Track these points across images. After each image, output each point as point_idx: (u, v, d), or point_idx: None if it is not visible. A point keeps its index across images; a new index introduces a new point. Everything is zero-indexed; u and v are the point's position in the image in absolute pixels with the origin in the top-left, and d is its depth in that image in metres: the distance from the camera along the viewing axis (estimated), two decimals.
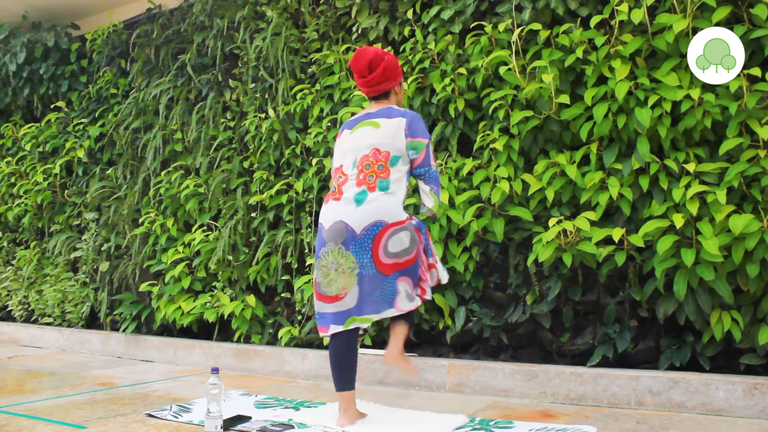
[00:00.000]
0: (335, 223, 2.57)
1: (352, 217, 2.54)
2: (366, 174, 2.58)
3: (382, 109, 2.69)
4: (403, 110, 2.67)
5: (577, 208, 3.19)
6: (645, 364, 3.09)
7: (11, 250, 5.86)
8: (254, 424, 2.63)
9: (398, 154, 2.61)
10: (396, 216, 2.55)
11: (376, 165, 2.58)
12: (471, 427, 2.58)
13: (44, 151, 5.61)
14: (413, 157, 2.64)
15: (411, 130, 2.62)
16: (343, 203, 2.58)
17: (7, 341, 5.60)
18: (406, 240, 2.56)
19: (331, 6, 4.17)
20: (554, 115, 3.18)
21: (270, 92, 4.36)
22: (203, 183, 4.53)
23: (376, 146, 2.60)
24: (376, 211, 2.53)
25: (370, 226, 2.52)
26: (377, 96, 2.73)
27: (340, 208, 2.58)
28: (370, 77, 2.66)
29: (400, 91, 2.80)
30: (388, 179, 2.58)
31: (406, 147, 2.62)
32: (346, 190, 2.60)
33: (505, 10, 3.40)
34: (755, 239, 2.64)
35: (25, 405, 3.07)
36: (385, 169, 2.58)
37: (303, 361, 3.80)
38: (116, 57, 5.39)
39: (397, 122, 2.62)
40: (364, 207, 2.53)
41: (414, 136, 2.62)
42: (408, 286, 2.59)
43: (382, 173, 2.58)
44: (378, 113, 2.68)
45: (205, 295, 4.36)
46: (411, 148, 2.62)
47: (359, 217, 2.53)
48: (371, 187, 2.56)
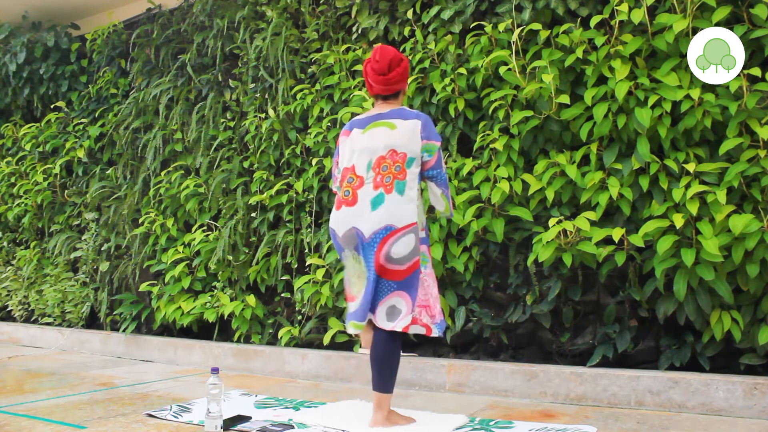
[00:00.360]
0: (348, 230, 2.57)
1: (365, 220, 2.53)
2: (383, 176, 2.56)
3: (394, 110, 2.65)
4: (416, 112, 2.65)
5: (577, 208, 3.19)
6: (645, 364, 3.09)
7: (11, 250, 5.86)
8: (254, 424, 2.63)
9: (414, 156, 2.58)
10: (406, 219, 2.52)
11: (394, 166, 2.55)
12: (471, 427, 2.58)
13: (44, 151, 5.61)
14: (426, 159, 2.60)
15: (426, 133, 2.60)
16: (358, 208, 2.55)
17: (7, 341, 5.60)
18: (410, 245, 2.52)
19: (331, 6, 4.17)
20: (554, 115, 3.19)
21: (270, 92, 4.36)
22: (203, 183, 4.53)
23: (393, 147, 2.57)
24: (389, 215, 2.51)
25: (380, 230, 2.50)
26: (388, 96, 2.70)
27: (354, 214, 2.56)
28: (390, 75, 2.64)
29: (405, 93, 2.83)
30: (404, 180, 2.55)
31: (422, 149, 2.59)
32: (362, 194, 2.56)
33: (505, 10, 3.40)
34: (755, 239, 2.64)
35: (25, 405, 3.07)
36: (402, 171, 2.55)
37: (303, 361, 3.80)
38: (116, 57, 5.39)
39: (413, 124, 2.59)
40: (379, 210, 2.51)
41: (429, 138, 2.60)
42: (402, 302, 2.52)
43: (399, 174, 2.55)
44: (391, 114, 2.64)
45: (205, 295, 4.36)
46: (425, 151, 2.60)
47: (371, 221, 2.52)
48: (388, 189, 2.54)
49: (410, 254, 2.51)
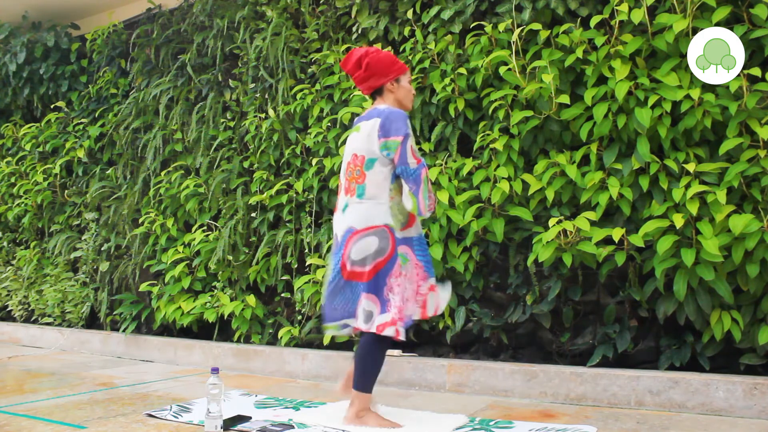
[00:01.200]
0: (334, 235, 2.70)
1: (338, 224, 2.65)
2: (349, 181, 2.62)
3: (370, 110, 2.65)
4: (382, 109, 2.58)
5: (577, 208, 3.19)
6: (645, 364, 3.09)
7: (11, 250, 5.86)
8: (254, 424, 2.63)
9: (373, 157, 2.54)
10: (367, 221, 2.52)
11: (355, 171, 2.59)
12: (471, 427, 2.58)
13: (44, 151, 5.61)
14: (390, 157, 2.53)
15: (384, 130, 2.52)
16: (337, 213, 2.68)
17: (7, 341, 5.60)
18: (371, 247, 2.49)
19: (331, 6, 4.16)
20: (554, 115, 3.18)
21: (270, 92, 4.36)
22: (203, 183, 4.53)
23: (355, 151, 2.61)
24: (351, 218, 2.56)
25: (344, 232, 2.58)
26: (372, 95, 2.72)
27: (335, 219, 2.70)
28: (356, 75, 2.67)
29: (397, 88, 2.68)
30: (363, 184, 2.56)
31: (380, 148, 2.53)
32: (339, 200, 2.69)
33: (505, 10, 3.40)
34: (755, 239, 2.64)
35: (25, 405, 3.07)
36: (361, 174, 2.57)
37: (303, 361, 3.80)
38: (116, 57, 5.39)
39: (372, 123, 2.57)
40: (345, 214, 2.60)
41: (387, 135, 2.52)
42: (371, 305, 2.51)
43: (359, 178, 2.57)
44: (364, 116, 2.67)
45: (205, 295, 4.36)
46: (384, 149, 2.53)
47: (340, 225, 2.62)
48: (352, 193, 2.59)
49: (372, 256, 2.50)
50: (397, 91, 2.68)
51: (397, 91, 2.68)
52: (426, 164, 2.58)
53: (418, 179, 2.50)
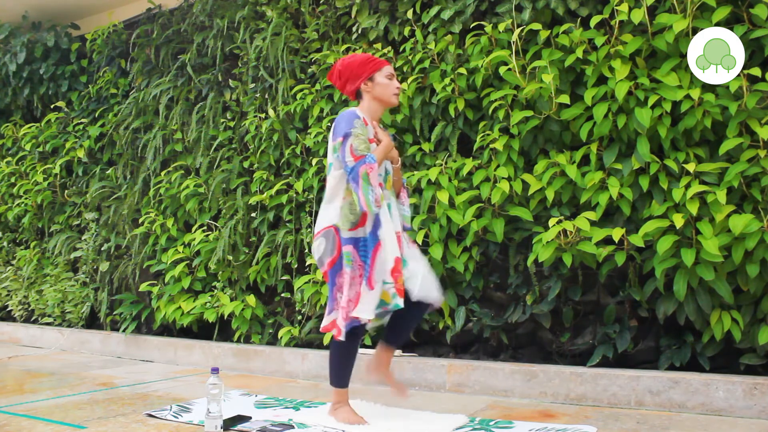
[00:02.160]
0: None
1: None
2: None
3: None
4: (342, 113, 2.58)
5: (577, 208, 3.19)
6: (645, 364, 3.09)
7: (11, 250, 5.86)
8: (254, 424, 2.63)
9: (331, 161, 2.58)
10: (321, 223, 2.58)
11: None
12: (471, 427, 2.58)
13: (44, 151, 5.61)
14: (340, 159, 2.51)
15: (333, 134, 2.54)
16: None
17: (7, 341, 5.60)
18: (321, 247, 2.55)
19: (331, 6, 4.16)
20: (554, 115, 3.18)
21: (270, 92, 4.36)
22: (203, 183, 4.53)
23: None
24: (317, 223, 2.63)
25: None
26: (357, 99, 2.72)
27: None
28: (337, 85, 2.71)
29: (372, 87, 2.62)
30: (327, 187, 2.61)
31: (332, 151, 2.55)
32: None
33: (505, 10, 3.40)
34: (755, 239, 2.64)
35: (25, 405, 3.07)
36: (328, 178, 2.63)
37: (303, 361, 3.80)
38: (116, 57, 5.39)
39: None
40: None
41: (334, 138, 2.53)
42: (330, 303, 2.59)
43: (327, 183, 2.63)
44: None
45: (205, 295, 4.36)
46: (335, 152, 2.53)
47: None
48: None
49: (323, 256, 2.55)
50: (373, 90, 2.63)
51: (373, 90, 2.63)
52: (370, 160, 2.45)
53: (357, 176, 2.44)
